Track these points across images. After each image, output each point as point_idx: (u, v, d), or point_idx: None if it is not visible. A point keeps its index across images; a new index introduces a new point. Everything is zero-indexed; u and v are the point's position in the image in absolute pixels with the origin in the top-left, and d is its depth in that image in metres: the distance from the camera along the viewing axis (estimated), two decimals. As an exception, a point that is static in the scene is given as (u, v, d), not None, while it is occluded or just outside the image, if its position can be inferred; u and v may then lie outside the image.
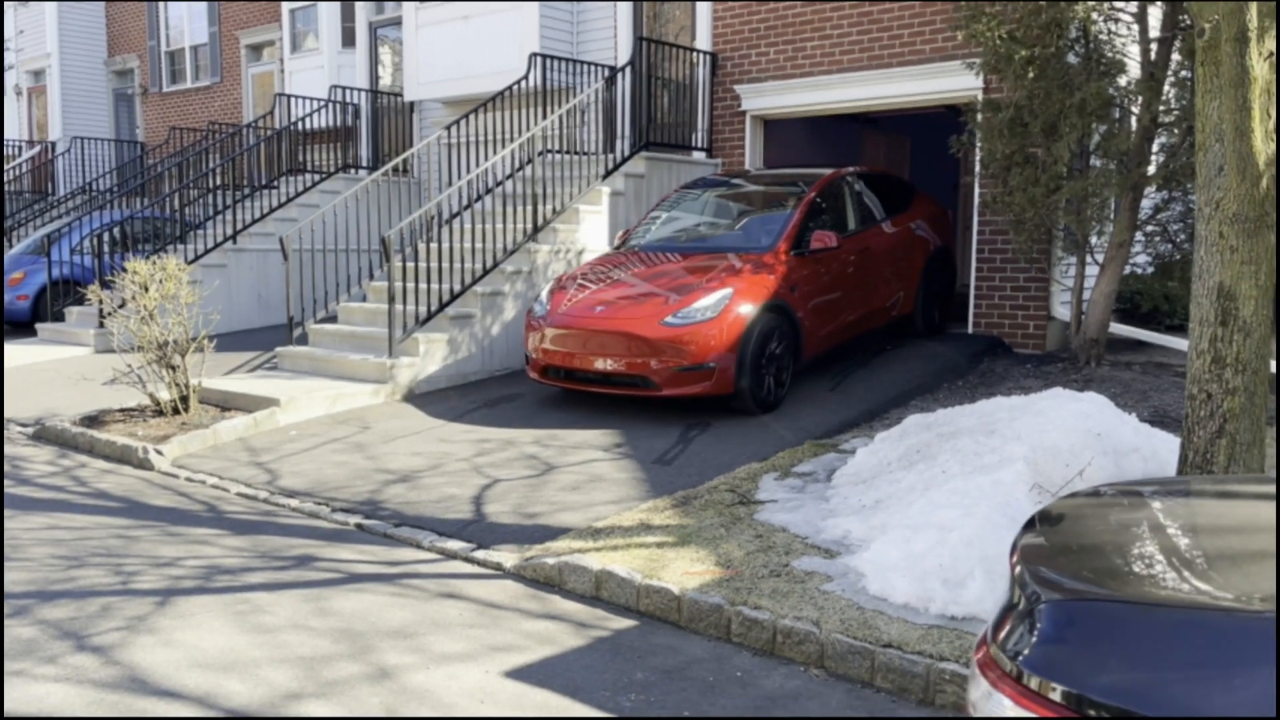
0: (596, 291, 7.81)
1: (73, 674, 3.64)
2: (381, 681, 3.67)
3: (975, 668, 1.96)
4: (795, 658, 3.91)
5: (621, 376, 7.36)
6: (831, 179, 8.76)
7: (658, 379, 7.21)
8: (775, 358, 7.48)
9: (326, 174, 14.27)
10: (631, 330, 7.27)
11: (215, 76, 19.82)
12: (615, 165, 10.63)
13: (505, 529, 5.39)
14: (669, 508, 5.55)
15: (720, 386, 7.17)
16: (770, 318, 7.39)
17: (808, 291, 7.84)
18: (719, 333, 7.13)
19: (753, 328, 7.23)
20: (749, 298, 7.31)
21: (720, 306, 7.21)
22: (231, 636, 4.02)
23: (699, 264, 7.91)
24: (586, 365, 7.48)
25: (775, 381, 7.51)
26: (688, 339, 7.12)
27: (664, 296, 7.43)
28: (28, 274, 13.12)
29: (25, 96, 23.24)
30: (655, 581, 4.41)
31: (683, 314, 7.24)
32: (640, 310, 7.38)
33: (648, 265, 8.22)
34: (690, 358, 7.14)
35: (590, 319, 7.48)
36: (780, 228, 8.10)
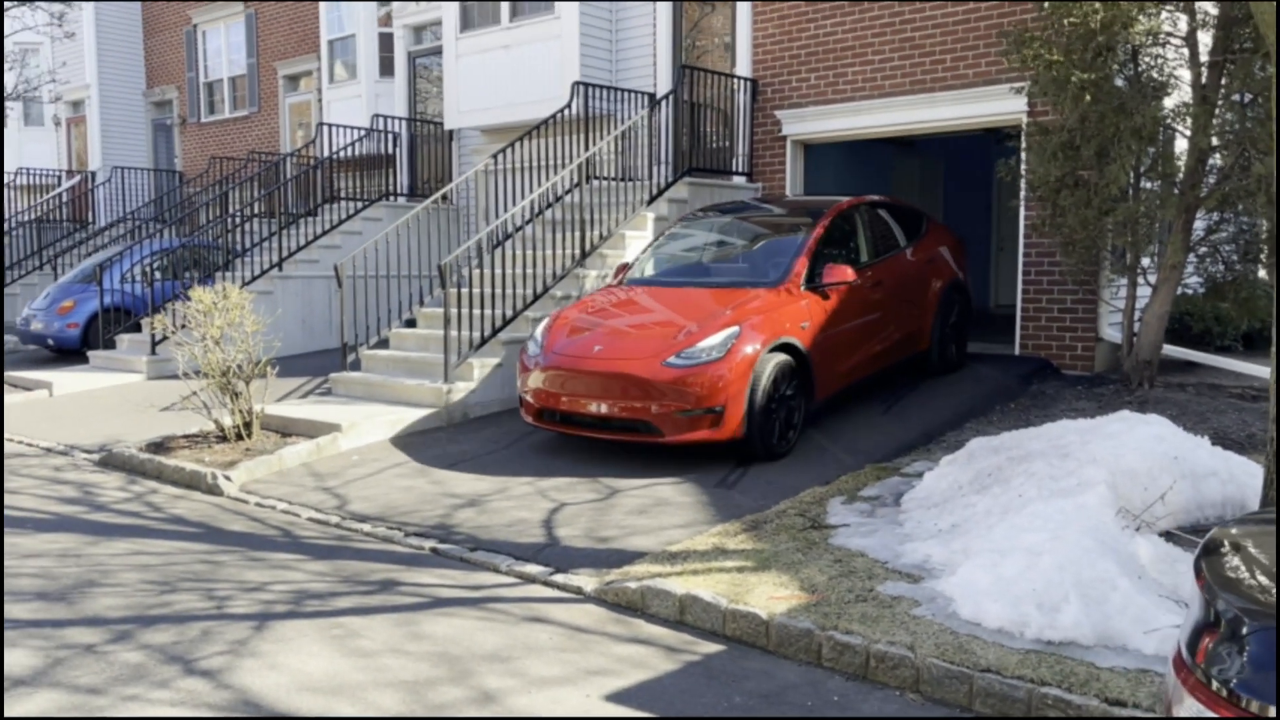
0: (594, 329, 7.35)
1: (187, 698, 3.72)
2: (487, 705, 3.73)
3: (1180, 689, 2.02)
4: (889, 682, 3.94)
5: (621, 421, 6.89)
6: (843, 209, 8.31)
7: (660, 424, 6.74)
8: (785, 400, 7.04)
9: (367, 202, 14.46)
10: (631, 371, 6.80)
11: (253, 107, 20.12)
12: (659, 191, 10.74)
13: (579, 553, 5.45)
14: (740, 532, 5.60)
15: (728, 431, 6.73)
16: (781, 357, 6.97)
17: (820, 328, 7.38)
18: (726, 374, 6.68)
19: (762, 368, 6.81)
20: (758, 336, 6.88)
21: (727, 346, 6.77)
22: (332, 660, 4.10)
23: (704, 300, 7.47)
24: (583, 409, 7.01)
25: (785, 425, 7.07)
26: (692, 381, 6.66)
27: (667, 335, 6.98)
28: (78, 302, 13.33)
29: (64, 127, 23.63)
30: (742, 606, 4.45)
31: (687, 354, 6.77)
32: (641, 350, 6.92)
33: (650, 301, 7.76)
34: (695, 401, 6.67)
35: (588, 359, 7.02)
36: (790, 261, 7.63)
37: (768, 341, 6.90)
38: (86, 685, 3.80)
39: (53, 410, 9.96)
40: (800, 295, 7.38)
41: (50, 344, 13.35)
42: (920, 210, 9.49)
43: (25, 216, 19.89)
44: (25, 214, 20.01)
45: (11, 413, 9.94)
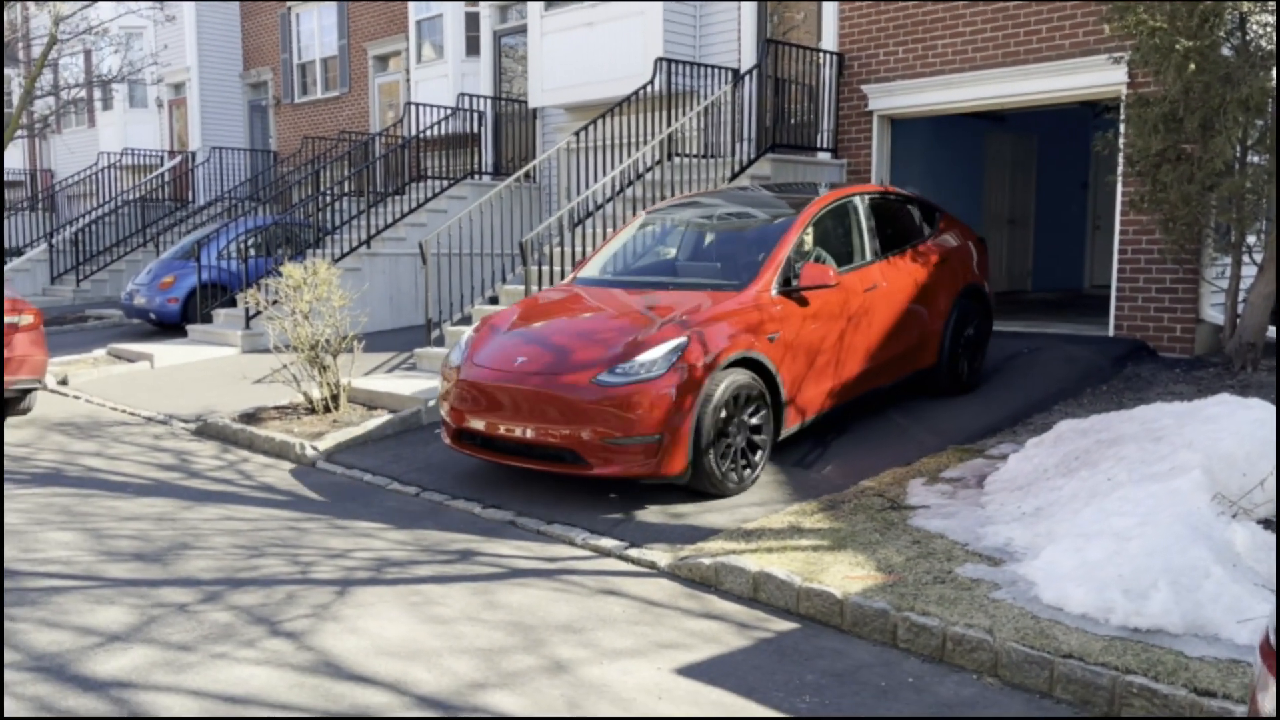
0: (523, 336, 6.30)
1: (272, 658, 3.84)
2: (559, 674, 3.77)
3: (1266, 675, 1.93)
4: (966, 665, 3.86)
5: (544, 448, 5.79)
6: (831, 200, 7.21)
7: (586, 453, 5.62)
8: (745, 427, 5.95)
9: (453, 180, 14.64)
10: (554, 389, 5.72)
11: (344, 87, 20.53)
12: (741, 167, 10.64)
13: (654, 528, 5.46)
14: (817, 511, 5.54)
15: (668, 466, 5.61)
16: (740, 375, 5.88)
17: (793, 341, 6.29)
18: (667, 395, 5.56)
19: (714, 388, 5.72)
20: (711, 349, 5.77)
21: (670, 361, 5.64)
22: (410, 626, 4.18)
23: (656, 305, 6.33)
24: (505, 432, 5.92)
25: (744, 459, 5.96)
26: (626, 402, 5.54)
27: (602, 346, 5.86)
28: (177, 278, 13.81)
29: (166, 109, 24.46)
30: (816, 585, 4.41)
31: (622, 370, 5.66)
32: (569, 363, 5.83)
33: (597, 304, 6.66)
34: (628, 427, 5.54)
35: (509, 373, 5.95)
36: (760, 260, 6.52)
37: (724, 355, 5.81)
38: (178, 643, 3.96)
39: (153, 381, 10.35)
40: (771, 301, 6.27)
41: (152, 318, 13.87)
42: (932, 204, 8.34)
43: (130, 195, 20.69)
44: (130, 193, 20.82)
45: (116, 383, 10.37)
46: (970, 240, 8.36)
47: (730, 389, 5.80)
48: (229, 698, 3.50)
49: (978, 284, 8.19)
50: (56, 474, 6.80)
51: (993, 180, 13.83)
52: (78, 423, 8.59)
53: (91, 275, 19.04)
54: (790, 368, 6.27)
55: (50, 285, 19.38)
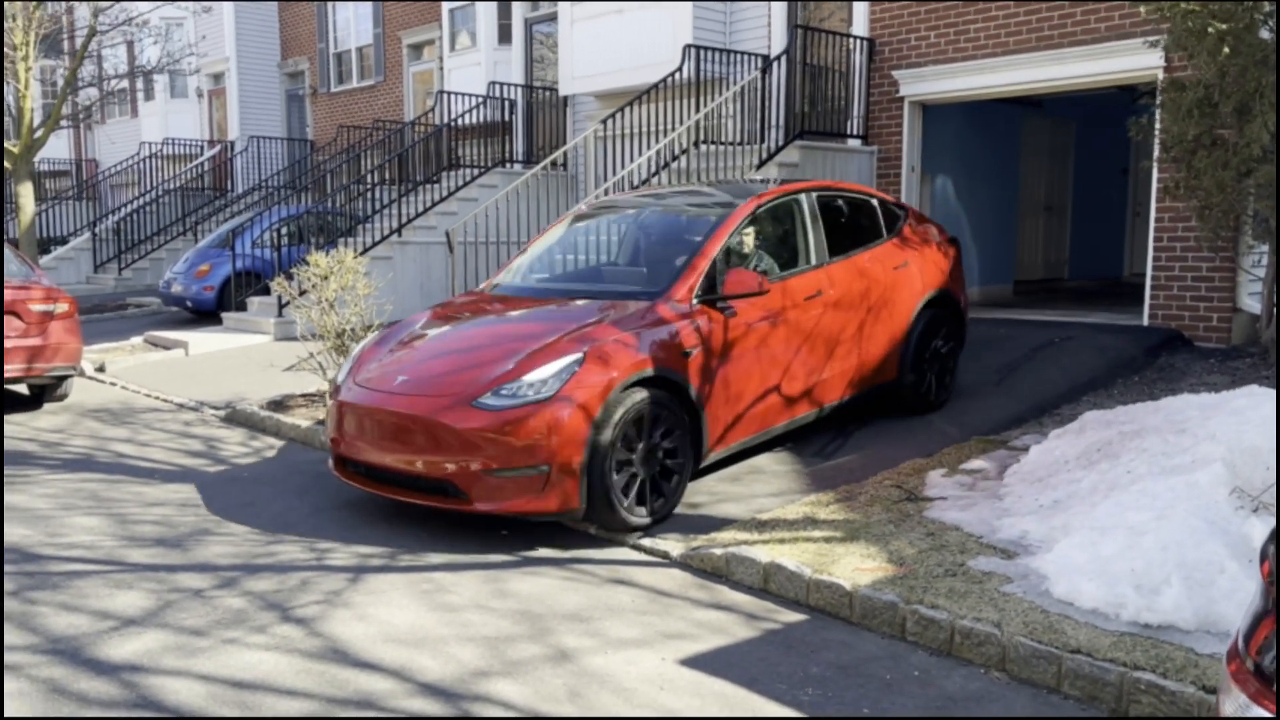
0: (412, 351, 5.72)
1: (281, 643, 3.89)
2: (562, 663, 3.79)
3: (1228, 680, 1.89)
4: (974, 659, 3.82)
5: (425, 480, 5.14)
6: (769, 199, 6.52)
7: (466, 486, 4.96)
8: (655, 454, 5.28)
9: (484, 169, 14.69)
10: (430, 414, 5.06)
11: (379, 76, 20.67)
12: (769, 155, 10.57)
13: (670, 518, 5.46)
14: (833, 502, 5.51)
15: (557, 501, 4.96)
16: (648, 395, 5.20)
17: (717, 355, 5.65)
18: (556, 420, 4.89)
19: (612, 410, 5.04)
20: (613, 366, 5.10)
21: (562, 380, 4.99)
22: (419, 614, 4.22)
23: (560, 316, 5.72)
24: (380, 460, 5.29)
25: (653, 489, 5.30)
26: (509, 428, 4.89)
27: (490, 364, 5.22)
28: (213, 266, 14.01)
29: (206, 99, 24.78)
30: (825, 576, 4.38)
31: (507, 390, 5.01)
32: (451, 384, 5.20)
33: (500, 315, 6.07)
34: (510, 456, 4.88)
35: (388, 395, 5.33)
36: (679, 266, 5.88)
37: (627, 373, 5.12)
38: (190, 627, 4.03)
39: (187, 369, 10.52)
40: (690, 311, 5.62)
41: (189, 306, 14.09)
42: (895, 202, 7.62)
43: (170, 185, 21.02)
44: (170, 182, 21.14)
45: (151, 370, 10.55)
46: (940, 242, 7.62)
47: (635, 411, 5.13)
48: (237, 682, 3.56)
49: (947, 290, 7.42)
50: (87, 460, 6.94)
51: (1029, 166, 13.62)
52: (112, 409, 8.75)
53: (133, 264, 19.38)
54: (713, 386, 5.60)
55: (93, 273, 19.75)
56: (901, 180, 11.20)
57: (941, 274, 7.45)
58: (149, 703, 3.39)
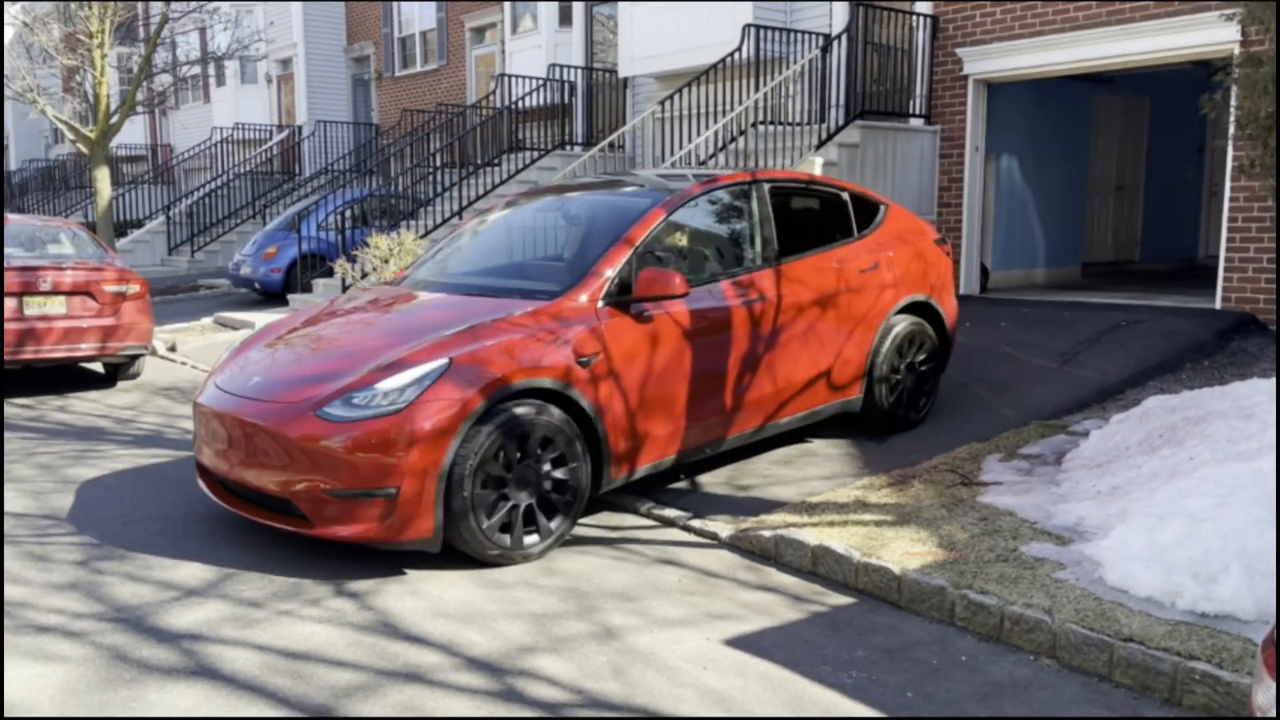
0: (277, 352, 5.13)
1: (334, 616, 3.99)
2: (607, 641, 3.82)
3: (1262, 670, 1.84)
4: (1024, 646, 3.77)
5: (268, 497, 4.56)
6: (704, 190, 5.77)
7: (305, 506, 4.37)
8: (536, 479, 4.61)
9: (544, 151, 14.76)
10: (270, 422, 4.47)
11: (441, 60, 20.85)
12: (828, 135, 10.44)
13: (719, 500, 5.46)
14: (885, 486, 5.46)
15: (407, 528, 4.30)
16: (531, 410, 4.54)
17: (625, 366, 4.95)
18: (408, 435, 4.25)
19: (480, 427, 4.39)
20: (485, 375, 4.43)
21: (420, 389, 4.35)
22: (469, 590, 4.29)
23: (446, 314, 5.02)
24: (230, 473, 4.72)
25: (532, 521, 4.63)
26: (353, 443, 4.27)
27: (347, 368, 4.60)
28: (280, 249, 14.31)
29: (275, 84, 25.25)
30: (874, 560, 4.35)
31: (360, 399, 4.38)
32: (300, 389, 4.56)
33: (384, 311, 5.41)
34: (353, 476, 4.26)
35: (236, 399, 4.75)
36: (588, 262, 5.18)
37: (500, 384, 4.45)
38: (249, 599, 4.15)
39: (254, 348, 10.78)
40: (592, 313, 4.93)
41: (257, 287, 14.42)
42: (871, 195, 6.77)
43: (241, 169, 21.50)
44: (241, 166, 21.62)
45: (219, 350, 10.83)
46: (923, 243, 6.77)
47: (512, 426, 4.47)
48: (289, 653, 3.66)
49: (927, 300, 6.64)
50: (157, 436, 7.16)
51: (1099, 145, 13.25)
52: (181, 387, 9.01)
53: (205, 246, 19.88)
54: (619, 400, 4.91)
55: (167, 256, 20.31)
56: (965, 160, 10.99)
57: (921, 280, 6.61)
58: (206, 670, 3.50)
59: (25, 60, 16.22)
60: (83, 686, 3.37)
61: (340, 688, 3.41)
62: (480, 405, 4.40)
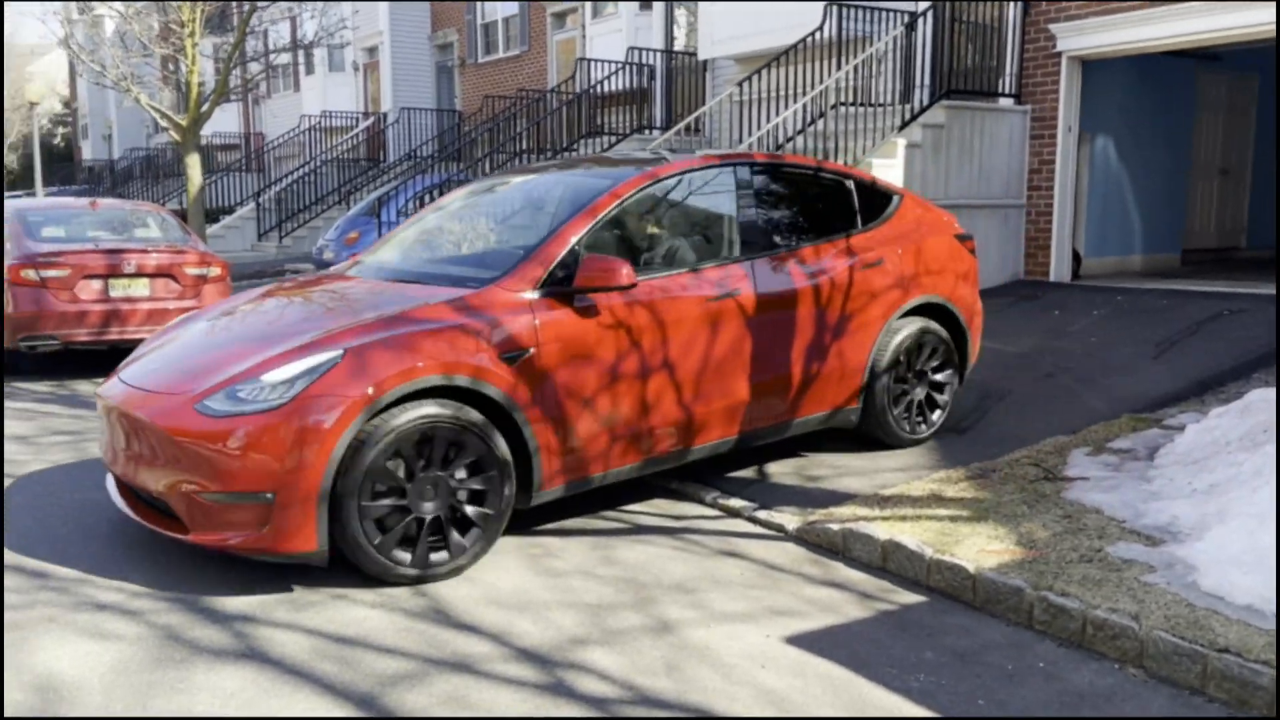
0: (192, 339, 4.71)
1: (387, 602, 3.94)
2: (662, 635, 3.69)
3: None
4: (1108, 653, 3.52)
5: (155, 499, 4.17)
6: (672, 173, 5.18)
7: (182, 508, 3.98)
8: (443, 490, 4.11)
9: (622, 135, 14.64)
10: (151, 415, 4.08)
11: (523, 46, 20.88)
12: (912, 116, 10.09)
13: (787, 490, 5.28)
14: (963, 479, 5.21)
15: (286, 538, 3.84)
16: (441, 411, 4.05)
17: (561, 364, 4.43)
18: (288, 435, 3.81)
19: (377, 428, 3.93)
20: (385, 369, 3.96)
21: (304, 384, 3.90)
22: (525, 578, 4.20)
23: (366, 302, 4.58)
24: (120, 471, 4.37)
25: (440, 535, 4.14)
26: (226, 441, 3.84)
27: (241, 358, 4.18)
28: (361, 234, 14.48)
29: (361, 72, 25.63)
30: (947, 557, 4.13)
31: (245, 392, 3.96)
32: (190, 380, 4.16)
33: (307, 300, 4.93)
34: (228, 478, 3.84)
35: (131, 390, 4.37)
36: (527, 249, 4.67)
37: (405, 379, 3.98)
38: (305, 582, 4.12)
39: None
40: (524, 305, 4.41)
41: (339, 272, 14.61)
42: (882, 185, 6.11)
43: (328, 156, 21.87)
44: (328, 153, 22.00)
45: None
46: (941, 238, 6.13)
47: (416, 430, 4.00)
48: (339, 638, 3.61)
49: (942, 301, 5.99)
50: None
51: (1204, 126, 12.59)
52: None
53: (292, 231, 20.28)
54: (554, 403, 4.40)
55: (257, 241, 20.78)
56: (1057, 142, 10.52)
57: (937, 279, 5.98)
58: (255, 653, 3.47)
59: (120, 49, 16.68)
60: (134, 666, 3.37)
61: (387, 675, 3.34)
62: (375, 403, 3.90)
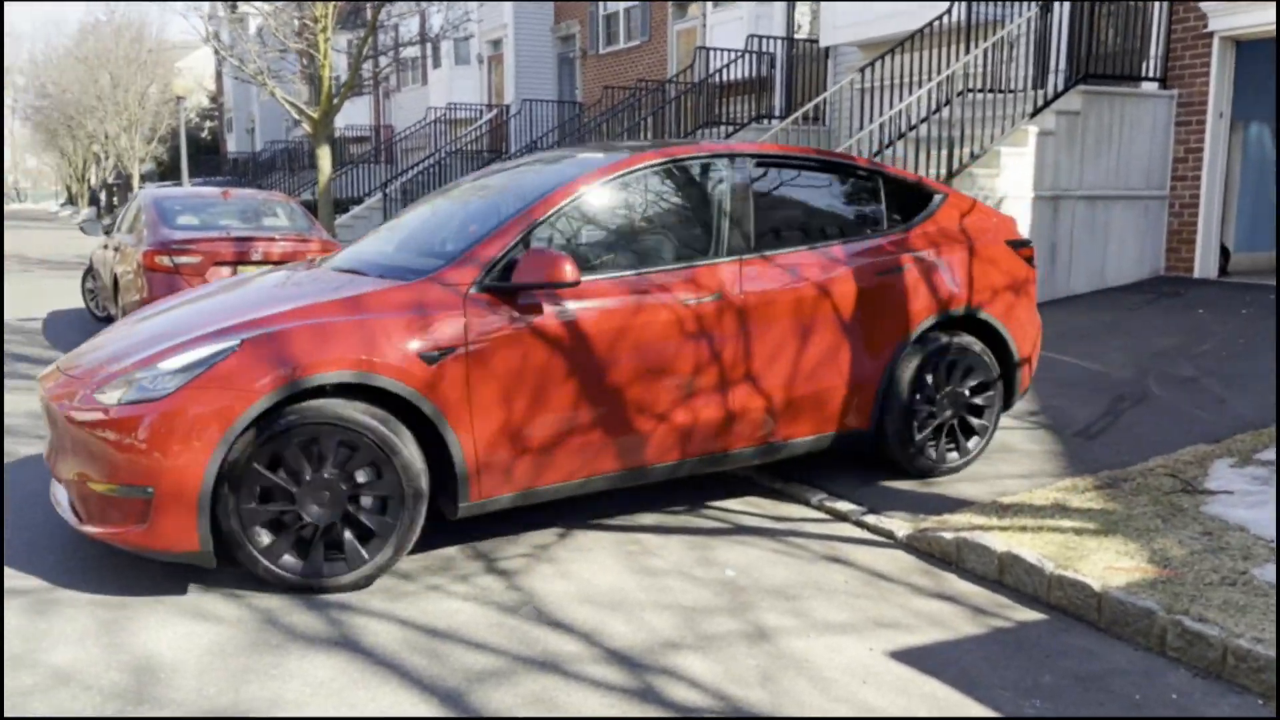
0: (136, 326, 4.52)
1: (481, 594, 3.90)
2: (759, 643, 3.54)
3: None
4: (1251, 686, 3.21)
5: None
6: (647, 161, 4.71)
7: (77, 498, 3.90)
8: (341, 497, 3.84)
9: (740, 125, 14.42)
10: (59, 401, 4.00)
11: (644, 36, 20.82)
12: (1045, 102, 9.59)
13: (899, 494, 5.05)
14: (1091, 489, 4.87)
15: (162, 535, 3.66)
16: (347, 410, 3.79)
17: (495, 366, 4.06)
18: (171, 427, 3.62)
19: (269, 425, 3.71)
20: (281, 364, 3.71)
21: (193, 374, 3.70)
22: (620, 575, 4.11)
23: (293, 292, 4.35)
24: (50, 458, 4.23)
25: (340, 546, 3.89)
26: (112, 430, 3.69)
27: (150, 346, 4.01)
28: (479, 224, 14.67)
29: (485, 64, 26.04)
30: (1070, 573, 3.85)
31: (143, 380, 3.77)
32: (102, 368, 4.01)
33: (246, 289, 4.70)
34: (112, 469, 3.70)
35: (62, 376, 4.22)
36: (468, 242, 4.32)
37: (298, 375, 3.71)
38: (402, 570, 4.12)
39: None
40: (462, 301, 4.07)
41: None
42: (916, 182, 5.49)
43: (452, 147, 22.30)
44: (452, 145, 22.42)
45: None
46: (989, 244, 5.45)
47: (301, 430, 3.74)
48: (431, 630, 3.58)
49: (983, 314, 5.31)
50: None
51: (1372, 110, 11.58)
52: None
53: (416, 222, 20.73)
54: (485, 408, 4.04)
55: (383, 231, 21.33)
56: (1206, 129, 9.84)
57: (975, 289, 5.29)
58: (348, 642, 3.47)
59: (259, 45, 17.34)
60: (230, 650, 3.41)
61: (474, 671, 3.29)
62: (265, 399, 3.66)
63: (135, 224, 9.76)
